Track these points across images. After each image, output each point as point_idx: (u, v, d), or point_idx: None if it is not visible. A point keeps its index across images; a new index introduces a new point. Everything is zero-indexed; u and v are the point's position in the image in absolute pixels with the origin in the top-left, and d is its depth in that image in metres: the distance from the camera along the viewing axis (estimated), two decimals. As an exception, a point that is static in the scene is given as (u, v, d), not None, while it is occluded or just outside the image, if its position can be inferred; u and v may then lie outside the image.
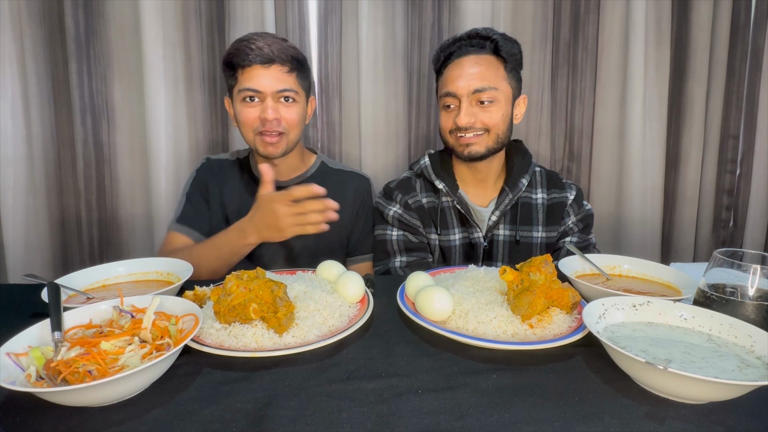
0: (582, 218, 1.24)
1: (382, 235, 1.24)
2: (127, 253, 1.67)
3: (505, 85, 1.15)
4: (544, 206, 1.23)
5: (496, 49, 1.14)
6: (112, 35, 1.55)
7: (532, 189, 1.24)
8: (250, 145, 1.17)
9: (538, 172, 1.27)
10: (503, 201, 1.20)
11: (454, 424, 0.52)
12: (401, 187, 1.25)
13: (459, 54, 1.15)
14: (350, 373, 0.62)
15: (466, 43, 1.16)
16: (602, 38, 1.67)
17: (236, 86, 1.12)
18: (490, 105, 1.13)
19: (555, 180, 1.27)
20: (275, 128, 1.12)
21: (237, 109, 1.14)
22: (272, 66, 1.10)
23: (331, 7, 1.60)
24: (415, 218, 1.22)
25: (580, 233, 1.24)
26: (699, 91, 1.69)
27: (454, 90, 1.13)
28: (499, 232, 1.22)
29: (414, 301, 0.78)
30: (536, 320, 0.72)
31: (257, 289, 0.70)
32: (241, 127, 1.16)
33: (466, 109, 1.12)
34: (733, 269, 0.67)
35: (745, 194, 1.78)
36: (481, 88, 1.11)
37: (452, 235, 1.22)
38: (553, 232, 1.23)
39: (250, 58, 1.09)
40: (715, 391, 0.52)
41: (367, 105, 1.62)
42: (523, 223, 1.22)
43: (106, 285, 0.91)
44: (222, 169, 1.25)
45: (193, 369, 0.62)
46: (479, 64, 1.13)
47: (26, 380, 0.55)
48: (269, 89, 1.10)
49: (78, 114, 1.57)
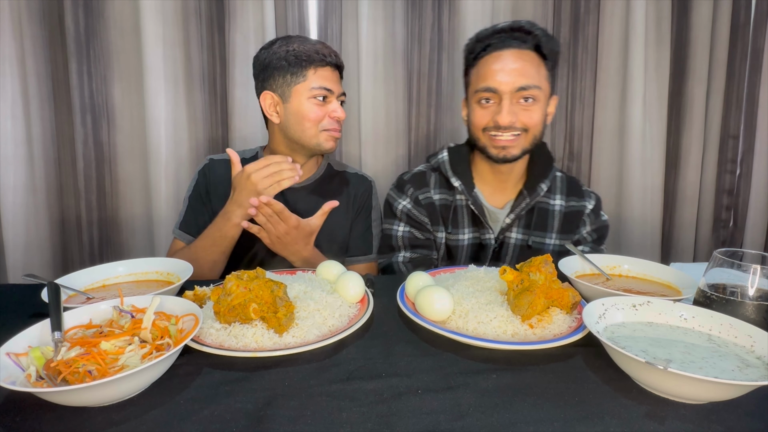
0: (597, 229, 1.21)
1: (388, 229, 1.23)
2: (127, 253, 1.67)
3: (546, 84, 1.10)
4: (561, 213, 1.20)
5: (538, 45, 1.08)
6: (112, 35, 1.55)
7: (551, 194, 1.20)
8: (308, 141, 1.17)
9: (558, 177, 1.23)
10: (520, 204, 1.17)
11: (454, 424, 0.52)
12: (414, 180, 1.23)
13: (499, 46, 1.08)
14: (350, 373, 0.62)
15: (508, 36, 1.08)
16: (602, 38, 1.67)
17: (304, 83, 1.14)
18: (532, 104, 1.07)
19: (575, 187, 1.23)
20: (339, 126, 1.20)
21: (303, 106, 1.15)
22: (336, 69, 1.20)
23: (331, 7, 1.60)
24: (424, 215, 1.20)
25: (593, 244, 1.21)
26: (699, 91, 1.69)
27: (495, 86, 1.07)
28: (511, 235, 1.19)
29: (414, 301, 0.78)
30: (536, 320, 0.72)
31: (257, 289, 0.70)
32: (304, 123, 1.15)
33: (508, 108, 1.06)
34: (733, 269, 0.67)
35: (745, 194, 1.78)
36: (525, 85, 1.05)
37: (462, 235, 1.20)
38: (567, 240, 1.19)
39: (327, 59, 1.15)
40: (715, 391, 0.52)
41: (367, 105, 1.62)
42: (538, 228, 1.19)
43: (106, 285, 0.91)
44: (226, 169, 1.25)
45: (193, 369, 0.62)
46: (522, 60, 1.06)
47: (26, 380, 0.55)
48: (338, 90, 1.18)
49: (78, 114, 1.57)
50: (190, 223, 1.22)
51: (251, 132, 1.62)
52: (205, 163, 1.27)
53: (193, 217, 1.22)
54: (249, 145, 1.58)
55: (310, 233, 1.08)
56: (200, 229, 1.18)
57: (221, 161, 1.27)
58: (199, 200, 1.23)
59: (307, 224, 1.06)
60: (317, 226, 1.07)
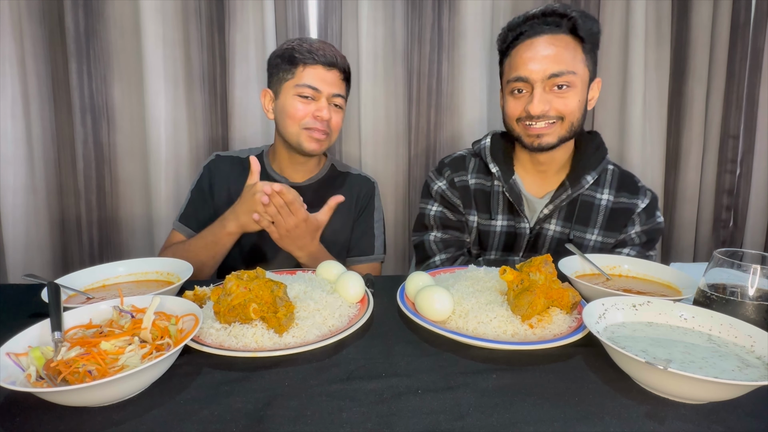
0: (648, 230, 1.12)
1: (423, 208, 1.24)
2: (127, 253, 1.67)
3: (583, 68, 1.04)
4: (607, 208, 1.13)
5: (574, 28, 1.02)
6: (112, 35, 1.56)
7: (598, 188, 1.14)
8: (291, 140, 1.17)
9: (610, 170, 1.16)
10: (560, 195, 1.12)
11: (454, 424, 0.52)
12: (453, 164, 1.22)
13: (531, 34, 1.04)
14: (350, 373, 0.62)
15: (540, 21, 1.03)
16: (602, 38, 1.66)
17: (292, 80, 1.14)
18: (566, 90, 1.02)
19: (628, 182, 1.15)
20: (324, 128, 1.16)
21: (287, 102, 1.15)
22: (333, 70, 1.15)
23: (331, 7, 1.60)
24: (457, 197, 1.19)
25: (642, 247, 1.13)
26: (699, 91, 1.69)
27: (526, 74, 1.03)
28: (549, 226, 1.14)
29: (414, 301, 0.78)
30: (536, 320, 0.72)
31: (257, 289, 0.70)
32: (286, 120, 1.16)
33: (540, 96, 1.02)
34: (733, 269, 0.67)
35: (745, 194, 1.78)
36: (557, 72, 1.01)
37: (496, 221, 1.16)
38: (611, 239, 1.13)
39: (316, 57, 1.13)
40: (715, 391, 0.52)
41: (367, 105, 1.62)
42: (579, 222, 1.13)
43: (106, 285, 0.90)
44: (232, 167, 1.25)
45: (193, 369, 0.62)
46: (555, 45, 1.02)
47: (26, 380, 0.55)
48: (327, 91, 1.14)
49: (78, 114, 1.57)
50: (190, 217, 1.22)
51: (251, 132, 1.62)
52: (212, 158, 1.27)
53: (193, 210, 1.23)
54: (248, 144, 1.58)
55: (317, 228, 1.07)
56: (200, 222, 1.18)
57: (227, 158, 1.27)
58: (202, 195, 1.24)
59: (315, 219, 1.06)
60: (323, 221, 1.07)
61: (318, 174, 1.29)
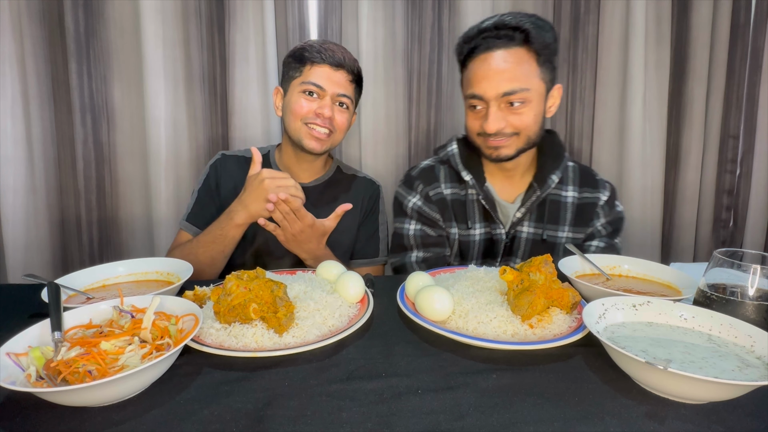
0: (612, 221, 1.17)
1: (399, 228, 1.21)
2: (127, 253, 1.67)
3: (538, 82, 1.04)
4: (574, 205, 1.16)
5: (527, 40, 1.01)
6: (112, 35, 1.56)
7: (563, 186, 1.17)
8: (293, 135, 1.18)
9: (571, 167, 1.20)
10: (530, 197, 1.14)
11: (454, 424, 0.52)
12: (423, 176, 1.20)
13: (485, 48, 1.03)
14: (350, 373, 0.62)
15: (493, 35, 1.02)
16: (602, 38, 1.67)
17: (299, 78, 1.16)
18: (521, 107, 1.03)
19: (588, 177, 1.20)
20: (326, 125, 1.16)
21: (292, 99, 1.17)
22: (340, 70, 1.16)
23: (331, 7, 1.60)
24: (435, 211, 1.17)
25: (607, 237, 1.17)
26: (699, 91, 1.69)
27: (480, 93, 1.04)
28: (522, 229, 1.16)
29: (414, 301, 0.78)
30: (536, 320, 0.72)
31: (257, 289, 0.70)
32: (289, 116, 1.18)
33: (494, 114, 1.03)
34: (733, 269, 0.67)
35: (745, 194, 1.78)
36: (511, 90, 1.01)
37: (474, 230, 1.17)
38: (580, 234, 1.17)
39: (324, 57, 1.15)
40: (715, 391, 0.52)
41: (367, 105, 1.62)
42: (550, 221, 1.15)
43: (106, 285, 0.91)
44: (238, 165, 1.26)
45: (193, 369, 0.62)
46: (508, 61, 1.01)
47: (26, 380, 0.55)
48: (331, 90, 1.15)
49: (78, 114, 1.57)
50: (198, 215, 1.22)
51: (251, 132, 1.62)
52: (217, 157, 1.28)
53: (200, 209, 1.23)
54: (248, 145, 1.58)
55: (323, 234, 1.09)
56: (207, 221, 1.18)
57: (233, 157, 1.28)
58: (209, 193, 1.24)
59: (321, 225, 1.07)
60: (330, 227, 1.09)
61: (324, 175, 1.30)
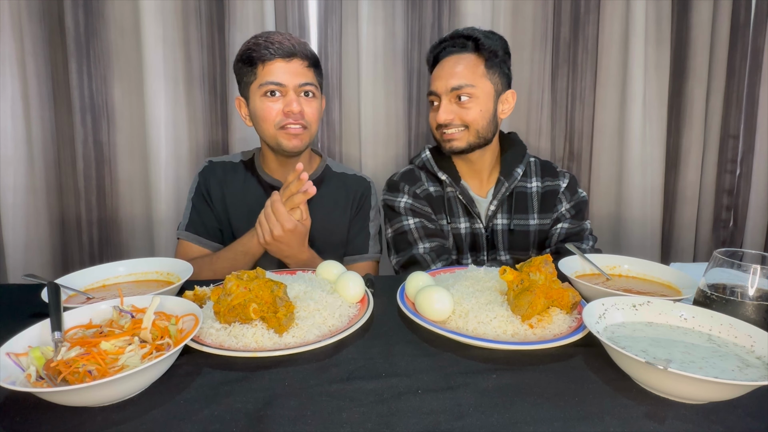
0: (574, 204, 1.28)
1: (399, 227, 1.24)
2: (127, 253, 1.67)
3: (485, 82, 1.19)
4: (538, 194, 1.28)
5: (477, 47, 1.18)
6: (112, 35, 1.55)
7: (527, 178, 1.29)
8: (270, 142, 1.15)
9: (532, 161, 1.32)
10: (500, 190, 1.25)
11: (454, 424, 0.52)
12: (406, 178, 1.28)
13: (444, 55, 1.22)
14: (350, 373, 0.62)
15: (449, 44, 1.21)
16: (602, 38, 1.67)
17: (255, 81, 1.11)
18: (468, 101, 1.17)
19: (549, 169, 1.31)
20: (299, 120, 1.11)
21: (256, 105, 1.12)
22: (293, 60, 1.10)
23: (331, 7, 1.60)
24: (426, 206, 1.25)
25: (573, 219, 1.27)
26: (699, 91, 1.69)
27: (435, 89, 1.21)
28: (497, 221, 1.26)
29: (414, 301, 0.78)
30: (536, 320, 0.72)
31: (257, 289, 0.70)
32: (261, 124, 1.14)
33: (445, 106, 1.19)
34: (733, 269, 0.67)
35: (745, 194, 1.78)
36: (457, 85, 1.16)
37: (459, 224, 1.26)
38: (547, 219, 1.27)
39: (272, 51, 1.08)
40: (715, 391, 0.52)
41: (367, 105, 1.62)
42: (519, 211, 1.26)
43: (106, 285, 0.91)
44: (225, 171, 1.24)
45: (193, 369, 0.62)
46: (459, 63, 1.18)
47: (26, 380, 0.55)
48: (292, 83, 1.10)
49: (78, 114, 1.57)
50: (197, 224, 1.21)
51: (251, 132, 1.61)
52: (205, 165, 1.27)
53: (197, 217, 1.21)
54: (249, 145, 1.58)
55: (305, 233, 1.06)
56: (207, 228, 1.17)
57: (220, 163, 1.27)
58: (203, 201, 1.23)
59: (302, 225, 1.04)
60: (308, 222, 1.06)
61: (312, 175, 1.27)
